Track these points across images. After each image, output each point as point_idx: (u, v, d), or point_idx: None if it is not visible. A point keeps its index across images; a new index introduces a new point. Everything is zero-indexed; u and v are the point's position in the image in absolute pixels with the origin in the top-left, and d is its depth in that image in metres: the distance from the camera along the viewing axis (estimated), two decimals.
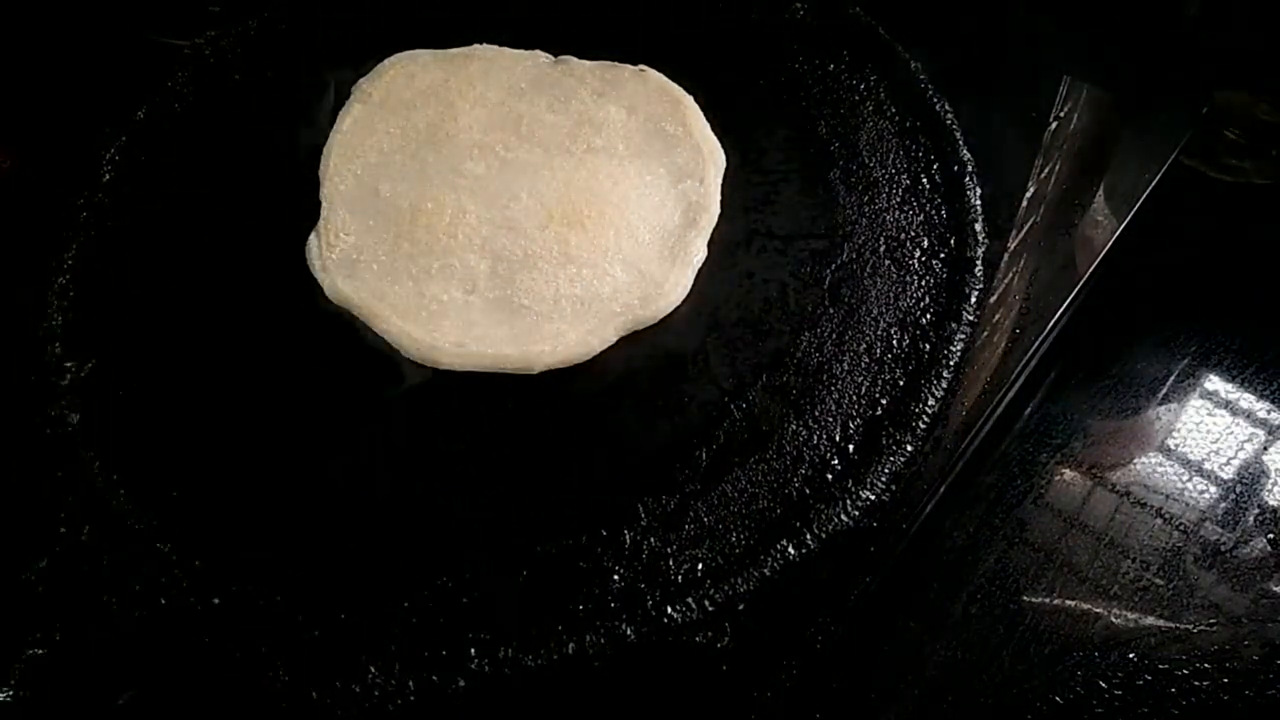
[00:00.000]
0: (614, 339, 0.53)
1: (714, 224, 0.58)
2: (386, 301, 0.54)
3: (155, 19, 0.72)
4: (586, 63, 0.66)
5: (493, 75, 0.65)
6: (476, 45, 0.67)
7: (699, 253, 0.57)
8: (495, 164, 0.60)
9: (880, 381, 0.53)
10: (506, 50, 0.67)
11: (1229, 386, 0.59)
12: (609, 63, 0.66)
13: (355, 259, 0.56)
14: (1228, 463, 0.55)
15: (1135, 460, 0.56)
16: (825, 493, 0.49)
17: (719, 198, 0.59)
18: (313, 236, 0.57)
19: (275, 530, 0.47)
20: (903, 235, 0.59)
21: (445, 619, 0.44)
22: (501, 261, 0.55)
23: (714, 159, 0.61)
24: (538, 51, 0.67)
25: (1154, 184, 0.62)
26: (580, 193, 0.58)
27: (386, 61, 0.66)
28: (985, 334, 0.55)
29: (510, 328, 0.53)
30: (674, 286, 0.55)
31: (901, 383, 0.53)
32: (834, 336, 0.55)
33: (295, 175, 0.60)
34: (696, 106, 0.63)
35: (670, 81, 0.64)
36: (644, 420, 0.51)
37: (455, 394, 0.52)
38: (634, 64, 0.66)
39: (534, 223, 0.57)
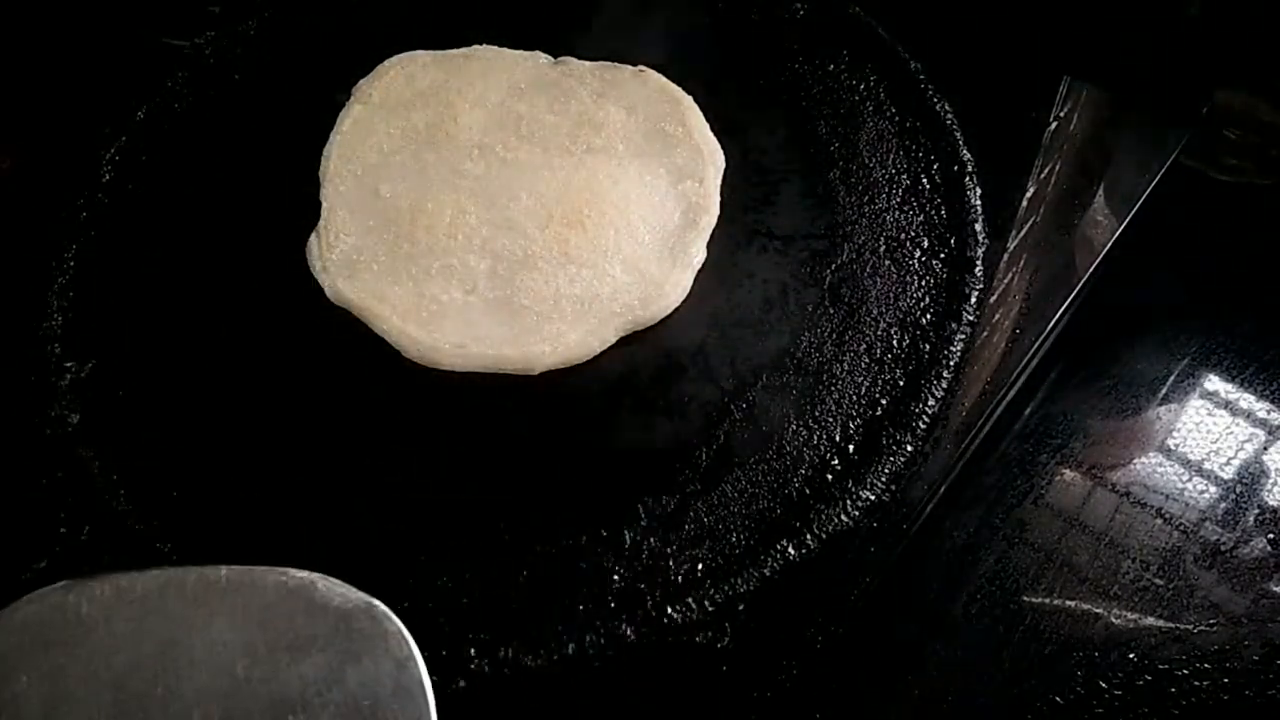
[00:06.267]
0: (613, 339, 0.53)
1: (714, 224, 0.58)
2: (387, 302, 0.53)
3: (155, 19, 0.72)
4: (586, 63, 0.66)
5: (492, 76, 0.65)
6: (476, 46, 0.67)
7: (699, 254, 0.57)
8: (495, 164, 0.60)
9: (880, 381, 0.53)
10: (506, 51, 0.67)
11: (1229, 386, 0.59)
12: (608, 63, 0.66)
13: (355, 259, 0.56)
14: (1228, 463, 0.55)
15: (1135, 460, 0.56)
16: (825, 493, 0.49)
17: (719, 198, 0.59)
18: (313, 237, 0.57)
19: (275, 530, 0.47)
20: (903, 235, 0.59)
21: (445, 619, 0.44)
22: (501, 261, 0.55)
23: (714, 159, 0.61)
24: (537, 52, 0.67)
25: (1154, 184, 0.62)
26: (580, 193, 0.58)
27: (386, 62, 0.66)
28: (985, 334, 0.55)
29: (510, 328, 0.53)
30: (674, 287, 0.55)
31: (901, 383, 0.53)
32: (834, 336, 0.55)
33: (295, 175, 0.60)
34: (696, 107, 0.63)
35: (669, 82, 0.64)
36: (644, 420, 0.51)
37: (455, 394, 0.52)
38: (634, 64, 0.66)
39: (534, 223, 0.57)
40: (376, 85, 0.64)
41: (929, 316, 0.55)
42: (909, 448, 0.50)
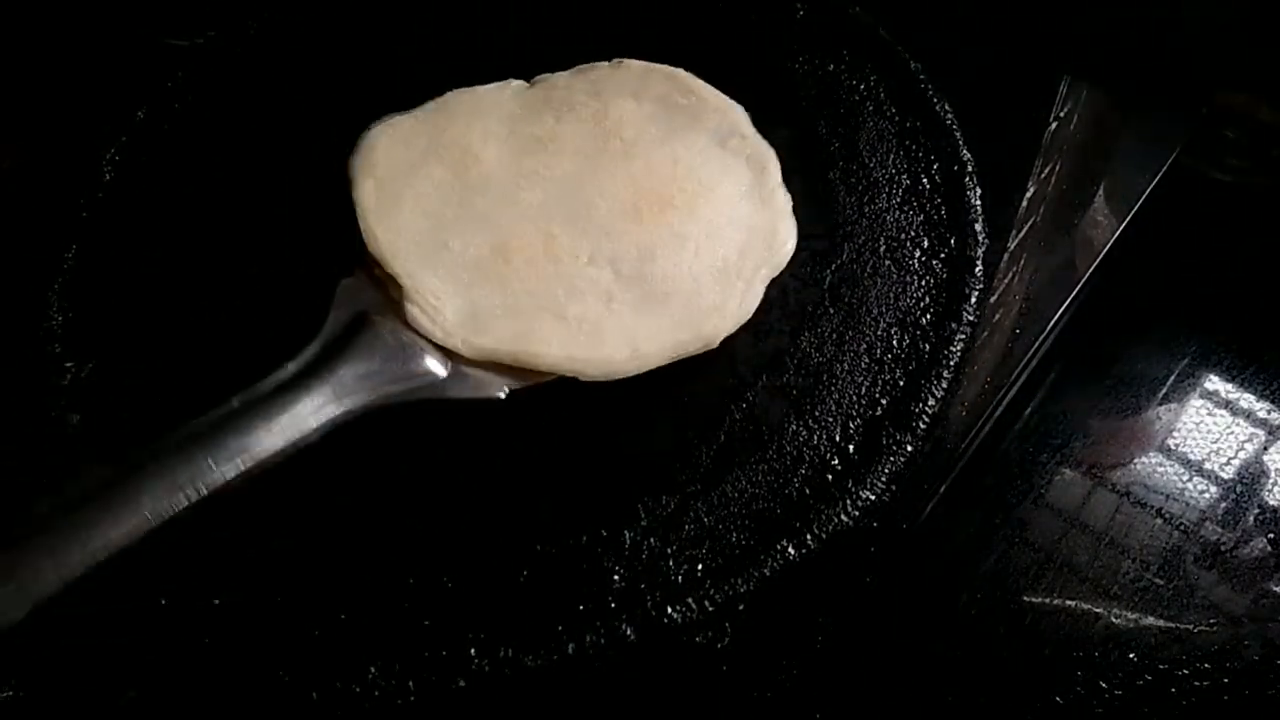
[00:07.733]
0: (762, 290, 0.54)
1: (781, 168, 0.58)
2: (538, 338, 0.51)
3: (155, 19, 0.72)
4: (562, 73, 0.64)
5: (484, 113, 0.62)
6: (447, 94, 0.63)
7: (786, 195, 0.57)
8: (550, 185, 0.58)
9: (880, 381, 0.53)
10: (478, 88, 0.63)
11: (1229, 386, 0.59)
12: (582, 66, 0.64)
13: (473, 314, 0.52)
14: (1228, 463, 0.56)
15: (1135, 460, 0.56)
16: (825, 493, 0.49)
17: (768, 143, 0.59)
18: (410, 308, 0.52)
19: (275, 530, 0.47)
20: (903, 235, 0.59)
21: (445, 619, 0.44)
22: (621, 264, 0.54)
23: (737, 111, 0.61)
24: (509, 80, 0.64)
25: (1154, 184, 0.62)
26: (651, 178, 0.57)
27: (370, 134, 0.60)
28: (985, 334, 0.55)
29: (668, 317, 0.52)
30: (786, 230, 0.56)
31: (901, 383, 0.53)
32: (834, 336, 0.55)
33: (295, 174, 0.60)
34: (690, 74, 0.63)
35: (650, 63, 0.64)
36: (644, 420, 0.51)
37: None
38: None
39: (627, 221, 0.56)
40: (376, 158, 0.59)
41: (929, 316, 0.55)
42: (909, 448, 0.50)
